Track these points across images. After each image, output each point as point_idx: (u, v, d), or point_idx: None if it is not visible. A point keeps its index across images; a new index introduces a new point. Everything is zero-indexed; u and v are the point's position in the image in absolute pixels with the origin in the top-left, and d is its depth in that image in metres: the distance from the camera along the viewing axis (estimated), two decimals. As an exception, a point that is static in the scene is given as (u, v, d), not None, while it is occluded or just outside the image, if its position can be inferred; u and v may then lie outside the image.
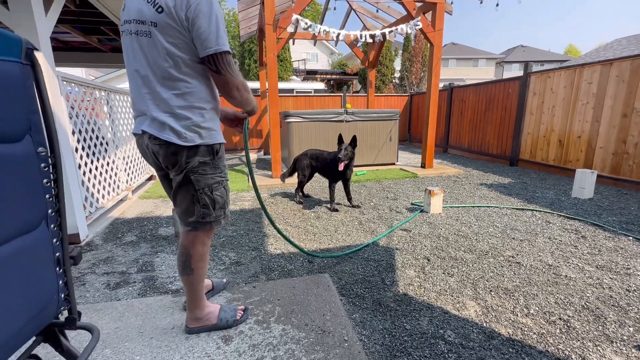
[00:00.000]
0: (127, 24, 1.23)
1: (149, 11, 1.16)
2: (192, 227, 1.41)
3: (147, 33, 1.18)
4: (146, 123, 1.28)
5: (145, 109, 1.27)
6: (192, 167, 1.32)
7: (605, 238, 2.64)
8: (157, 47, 1.19)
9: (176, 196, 1.40)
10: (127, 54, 1.28)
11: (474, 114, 6.99)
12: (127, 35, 1.24)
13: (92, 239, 2.81)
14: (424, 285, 1.99)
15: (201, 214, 1.37)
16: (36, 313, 0.80)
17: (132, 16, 1.20)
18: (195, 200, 1.36)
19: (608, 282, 1.99)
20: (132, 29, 1.21)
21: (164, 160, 1.33)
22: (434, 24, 5.00)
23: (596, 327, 1.60)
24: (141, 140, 1.34)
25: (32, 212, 0.79)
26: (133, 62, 1.25)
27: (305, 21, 4.76)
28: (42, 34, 2.35)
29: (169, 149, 1.28)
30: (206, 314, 1.55)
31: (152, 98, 1.25)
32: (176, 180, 1.35)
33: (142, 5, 1.18)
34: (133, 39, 1.22)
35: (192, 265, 1.44)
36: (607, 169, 4.37)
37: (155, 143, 1.29)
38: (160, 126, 1.26)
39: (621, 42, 15.36)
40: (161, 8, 1.14)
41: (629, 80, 4.07)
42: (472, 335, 1.55)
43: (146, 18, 1.17)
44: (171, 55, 1.20)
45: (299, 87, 13.88)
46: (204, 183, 1.35)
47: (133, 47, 1.23)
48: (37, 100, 0.80)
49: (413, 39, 16.46)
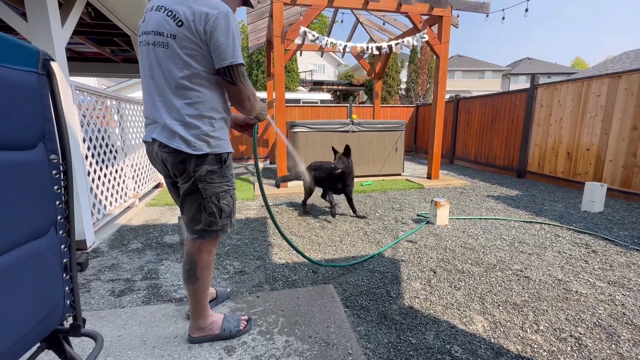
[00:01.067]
0: (145, 35, 1.28)
1: (169, 24, 1.22)
2: (198, 235, 1.41)
3: (164, 44, 1.23)
4: (157, 131, 1.31)
5: (157, 116, 1.30)
6: (200, 175, 1.33)
7: (616, 253, 2.58)
8: (174, 57, 1.24)
9: (183, 204, 1.41)
10: (143, 64, 1.32)
11: (481, 125, 6.97)
12: (145, 45, 1.29)
13: (99, 246, 2.83)
14: (430, 299, 1.96)
15: (208, 222, 1.38)
16: (42, 318, 0.81)
17: (151, 28, 1.26)
18: (202, 209, 1.37)
19: (620, 298, 1.94)
20: (149, 39, 1.26)
21: (172, 168, 1.35)
22: (440, 37, 5.05)
23: (609, 345, 1.55)
24: (151, 147, 1.37)
25: (42, 219, 0.81)
26: (148, 72, 1.30)
27: (312, 33, 4.84)
28: (58, 45, 2.43)
29: (178, 157, 1.31)
30: (209, 324, 1.53)
31: (165, 106, 1.29)
32: (184, 188, 1.37)
33: (161, 19, 1.23)
34: (150, 50, 1.27)
35: (198, 273, 1.44)
36: (617, 182, 4.30)
37: (164, 151, 1.31)
38: (170, 134, 1.29)
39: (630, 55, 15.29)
40: (181, 22, 1.20)
41: (639, 93, 4.04)
42: (479, 351, 1.51)
43: (165, 30, 1.22)
44: (187, 66, 1.24)
45: (306, 97, 14.03)
46: (211, 191, 1.37)
47: (149, 57, 1.28)
48: (51, 109, 0.82)
49: (419, 51, 16.61)
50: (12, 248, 0.72)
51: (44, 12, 2.30)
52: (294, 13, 6.33)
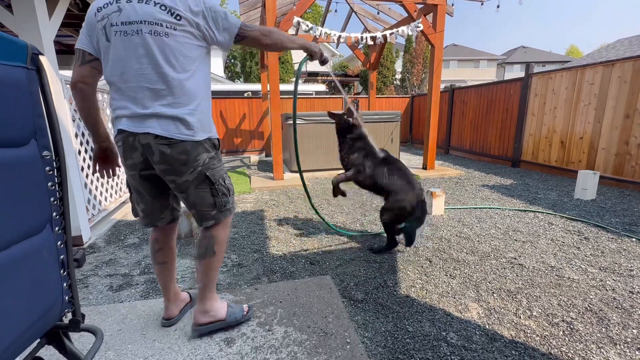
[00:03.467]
0: (129, 24, 1.22)
1: (165, 16, 1.23)
2: (214, 219, 1.45)
3: (164, 34, 1.24)
4: (153, 122, 1.26)
5: (150, 106, 1.26)
6: (204, 163, 1.36)
7: (608, 239, 2.63)
8: (173, 46, 1.26)
9: (190, 196, 1.39)
10: (129, 52, 1.24)
11: (476, 115, 6.98)
12: (132, 35, 1.23)
13: (95, 241, 2.82)
14: (426, 287, 1.99)
15: (222, 202, 1.45)
16: (41, 315, 0.81)
17: (140, 18, 1.22)
18: (214, 194, 1.41)
19: (611, 284, 1.98)
20: (142, 29, 1.22)
21: (169, 161, 1.30)
22: (435, 26, 5.01)
23: (599, 329, 1.59)
24: (133, 138, 1.28)
25: (37, 216, 0.80)
26: (136, 61, 1.24)
27: (306, 24, 4.77)
28: (46, 38, 2.37)
29: (178, 148, 1.29)
30: (216, 308, 1.56)
31: (163, 95, 1.26)
32: (187, 181, 1.35)
33: (153, 10, 1.22)
34: (144, 36, 1.22)
35: (216, 247, 1.47)
36: (610, 170, 4.36)
37: (162, 143, 1.27)
38: (171, 124, 1.27)
39: (623, 43, 15.31)
40: (179, 16, 1.24)
41: (631, 81, 4.06)
42: (474, 338, 1.55)
43: (162, 21, 1.23)
44: (188, 51, 1.28)
45: (301, 89, 13.90)
46: (218, 175, 1.42)
47: (145, 45, 1.23)
48: (42, 104, 0.81)
49: (414, 41, 16.48)
50: (7, 246, 0.71)
51: (31, 3, 2.24)
52: (287, 3, 6.22)
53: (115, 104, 1.31)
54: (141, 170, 1.37)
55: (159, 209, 1.49)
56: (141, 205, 1.47)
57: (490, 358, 1.42)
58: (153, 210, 1.48)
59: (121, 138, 1.31)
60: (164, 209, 1.51)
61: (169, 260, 1.58)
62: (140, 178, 1.39)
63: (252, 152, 8.31)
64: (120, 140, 1.32)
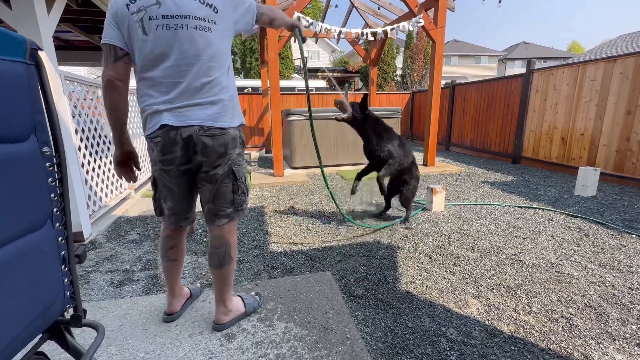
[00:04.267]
0: (171, 18, 1.22)
1: (205, 10, 1.27)
2: (230, 217, 1.45)
3: (207, 29, 1.28)
4: (195, 114, 1.28)
5: (194, 99, 1.28)
6: (234, 158, 1.40)
7: (608, 236, 2.63)
8: (215, 41, 1.31)
9: (216, 190, 1.40)
10: (173, 46, 1.24)
11: (476, 111, 6.96)
12: (177, 29, 1.23)
13: (96, 237, 2.83)
14: (426, 283, 2.00)
15: (240, 201, 1.46)
16: (42, 311, 0.81)
17: (183, 12, 1.23)
18: (235, 190, 1.43)
19: (611, 280, 1.99)
20: (187, 23, 1.24)
21: (208, 152, 1.32)
22: (436, 21, 4.97)
23: (598, 325, 1.60)
24: (175, 132, 1.28)
25: (37, 212, 0.80)
26: (182, 55, 1.25)
27: (306, 19, 4.75)
28: (45, 33, 2.36)
29: (219, 140, 1.32)
30: (235, 305, 1.60)
31: (206, 89, 1.30)
32: (217, 174, 1.37)
33: (193, 4, 1.25)
34: (190, 31, 1.25)
35: (232, 254, 1.49)
36: (611, 166, 4.35)
37: (205, 135, 1.30)
38: (214, 114, 1.31)
39: (626, 39, 15.21)
40: (216, 9, 1.30)
41: (633, 77, 4.04)
42: (474, 333, 1.55)
43: (204, 16, 1.27)
44: (226, 45, 1.37)
45: (301, 85, 13.86)
46: (242, 172, 1.45)
47: (191, 39, 1.25)
48: (41, 99, 0.80)
49: (415, 37, 16.39)
50: (8, 242, 0.71)
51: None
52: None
53: (153, 99, 1.29)
54: (179, 165, 1.36)
55: (187, 207, 1.50)
56: (169, 203, 1.45)
57: (490, 353, 1.42)
58: (182, 208, 1.48)
59: (161, 133, 1.30)
60: (191, 208, 1.52)
61: (179, 258, 1.59)
62: (177, 173, 1.38)
63: (252, 149, 8.30)
64: (159, 135, 1.30)
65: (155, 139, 1.32)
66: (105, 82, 1.25)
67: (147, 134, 1.35)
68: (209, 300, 1.79)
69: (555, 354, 1.41)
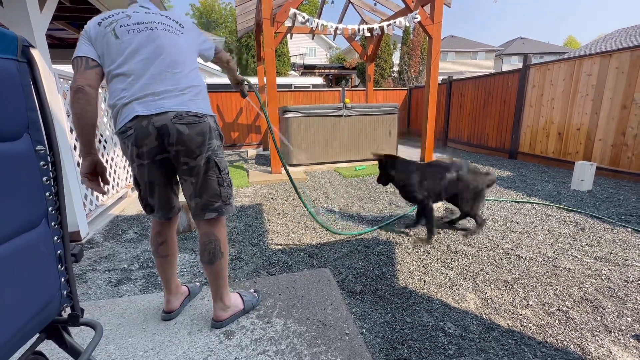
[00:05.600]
0: (141, 24, 1.34)
1: (172, 22, 1.42)
2: (217, 212, 1.45)
3: (175, 33, 1.40)
4: (168, 101, 1.28)
5: (165, 86, 1.30)
6: (214, 149, 1.39)
7: (604, 230, 2.65)
8: (184, 42, 1.42)
9: (197, 182, 1.39)
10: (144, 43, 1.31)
11: (473, 107, 6.97)
12: (147, 31, 1.33)
13: (93, 237, 2.81)
14: (424, 279, 2.00)
15: (227, 194, 1.46)
16: (39, 310, 0.81)
17: (152, 20, 1.36)
18: (221, 183, 1.43)
19: (607, 273, 2.01)
20: (157, 26, 1.35)
21: (185, 141, 1.29)
22: (433, 17, 4.96)
23: (595, 317, 1.61)
24: (146, 122, 1.26)
25: (32, 211, 0.79)
26: (154, 50, 1.31)
27: (302, 15, 4.72)
28: (38, 31, 2.33)
29: (196, 128, 1.32)
30: (233, 302, 1.60)
31: (177, 78, 1.33)
32: (197, 167, 1.36)
33: (161, 18, 1.39)
34: (159, 31, 1.35)
35: (222, 248, 1.49)
36: (606, 161, 4.38)
37: (181, 122, 1.28)
38: (188, 100, 1.33)
39: (621, 33, 15.24)
40: (182, 25, 1.45)
41: (629, 71, 4.05)
42: (472, 327, 1.57)
43: (172, 24, 1.41)
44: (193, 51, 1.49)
45: (297, 82, 13.82)
46: (224, 165, 1.45)
47: (160, 37, 1.34)
48: (34, 98, 0.79)
49: (412, 32, 16.35)
50: (3, 241, 0.71)
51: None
52: (283, -6, 6.13)
53: (123, 93, 1.28)
54: (156, 155, 1.33)
55: (171, 198, 1.50)
56: (154, 199, 1.45)
57: (487, 347, 1.44)
58: (167, 199, 1.48)
59: (133, 124, 1.26)
60: (175, 197, 1.53)
61: (171, 253, 1.58)
62: (155, 165, 1.36)
63: (250, 146, 8.28)
64: (131, 127, 1.27)
65: (127, 133, 1.28)
66: (74, 89, 1.24)
67: (118, 129, 1.31)
68: (208, 298, 1.79)
69: (552, 347, 1.43)
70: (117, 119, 1.31)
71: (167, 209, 1.50)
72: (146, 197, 1.47)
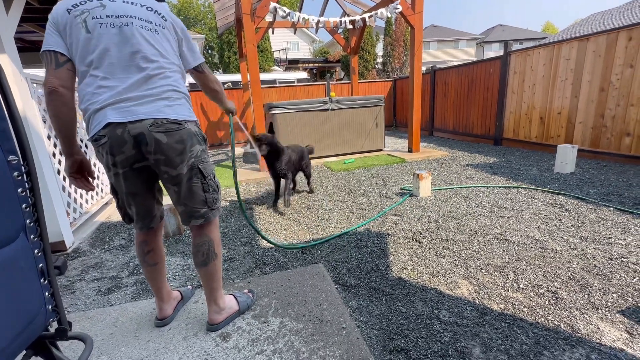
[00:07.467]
0: (116, 18, 1.22)
1: (152, 16, 1.30)
2: (205, 218, 1.41)
3: (154, 30, 1.29)
4: (144, 108, 1.21)
5: (141, 90, 1.22)
6: (197, 155, 1.34)
7: (587, 210, 2.73)
8: (163, 41, 1.32)
9: (180, 190, 1.34)
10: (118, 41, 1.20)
11: (457, 95, 7.04)
12: (122, 27, 1.22)
13: (79, 245, 2.74)
14: (417, 268, 2.03)
15: (213, 199, 1.42)
16: (23, 327, 0.77)
17: (129, 13, 1.24)
18: (206, 189, 1.39)
19: (592, 252, 2.07)
20: (132, 22, 1.24)
21: (164, 150, 1.23)
22: (414, 7, 4.96)
23: (582, 296, 1.66)
24: (121, 130, 1.19)
25: (8, 225, 0.76)
26: (129, 50, 1.22)
27: (283, 9, 4.64)
28: (5, 34, 2.22)
29: (175, 136, 1.25)
30: (228, 303, 1.59)
31: (154, 80, 1.25)
32: (180, 174, 1.30)
33: (139, 9, 1.27)
34: (134, 28, 1.24)
35: (215, 249, 1.47)
36: (587, 142, 4.50)
37: (159, 131, 1.21)
38: (166, 107, 1.26)
39: (597, 17, 15.60)
40: (164, 17, 1.34)
41: (605, 54, 4.15)
42: (465, 313, 1.59)
43: (151, 19, 1.29)
44: (174, 50, 1.37)
45: (282, 77, 13.67)
46: (209, 170, 1.41)
47: (136, 35, 1.23)
48: (2, 105, 0.75)
49: (394, 23, 16.34)
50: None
51: (-16, -3, 2.08)
52: (262, -12, 6.01)
53: (95, 97, 1.20)
54: (134, 164, 1.27)
55: (152, 207, 1.44)
56: (134, 208, 1.39)
57: (482, 332, 1.46)
58: (147, 208, 1.41)
59: (106, 132, 1.19)
60: (156, 205, 1.46)
61: (159, 261, 1.54)
62: (134, 173, 1.29)
63: (237, 145, 8.18)
64: (105, 134, 1.19)
65: (100, 141, 1.21)
66: (47, 89, 1.17)
67: (90, 136, 1.24)
68: (202, 302, 1.76)
69: (543, 327, 1.47)
70: (90, 125, 1.23)
71: (147, 219, 1.44)
72: (124, 207, 1.41)
